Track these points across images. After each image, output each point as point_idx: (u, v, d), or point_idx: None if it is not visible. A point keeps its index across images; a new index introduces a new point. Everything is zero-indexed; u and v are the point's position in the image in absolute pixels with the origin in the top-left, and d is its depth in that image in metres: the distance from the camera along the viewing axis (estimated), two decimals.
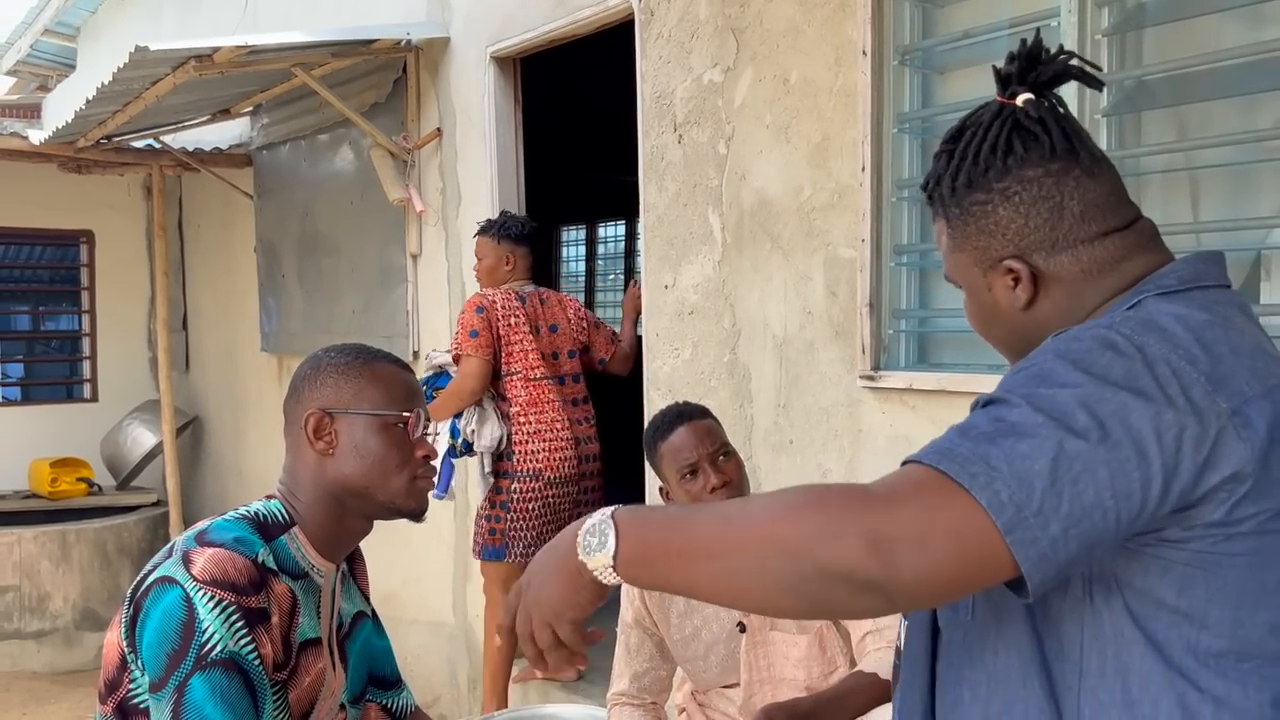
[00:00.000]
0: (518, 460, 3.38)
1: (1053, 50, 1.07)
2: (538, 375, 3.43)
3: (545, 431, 3.41)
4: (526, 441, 3.39)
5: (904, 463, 0.92)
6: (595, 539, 0.96)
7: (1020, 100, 1.05)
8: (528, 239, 3.56)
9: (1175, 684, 0.92)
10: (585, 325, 3.64)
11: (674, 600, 2.15)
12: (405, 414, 1.46)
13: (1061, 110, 1.06)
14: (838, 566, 0.85)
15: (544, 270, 10.00)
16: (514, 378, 3.40)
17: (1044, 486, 0.84)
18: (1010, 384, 0.92)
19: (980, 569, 0.85)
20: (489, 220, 3.57)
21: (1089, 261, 1.04)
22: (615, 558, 0.94)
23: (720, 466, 2.01)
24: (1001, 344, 1.13)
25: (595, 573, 0.96)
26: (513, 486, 3.39)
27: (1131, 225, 1.05)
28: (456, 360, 3.40)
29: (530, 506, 3.40)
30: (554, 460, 3.41)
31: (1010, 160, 1.04)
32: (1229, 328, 0.95)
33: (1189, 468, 0.87)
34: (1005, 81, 1.07)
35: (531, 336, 3.43)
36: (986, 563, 0.85)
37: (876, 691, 1.89)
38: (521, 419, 3.39)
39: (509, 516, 3.40)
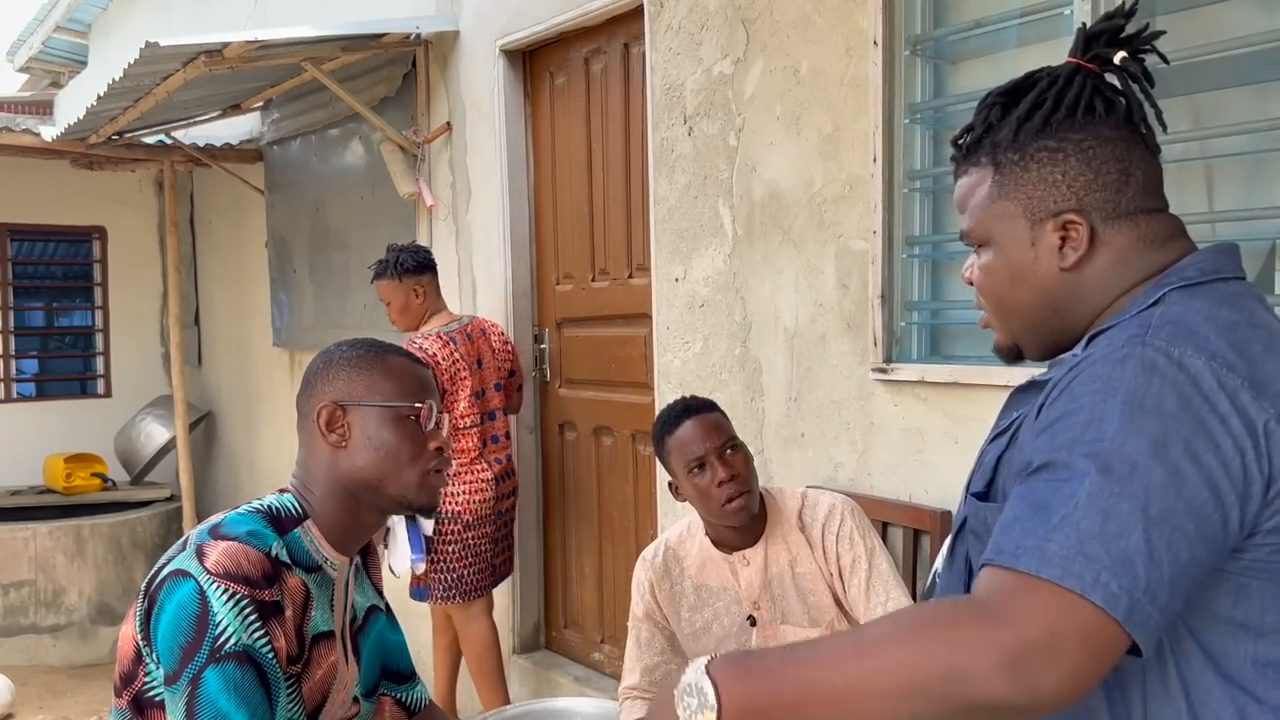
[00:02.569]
0: (446, 502, 3.36)
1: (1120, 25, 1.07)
2: (466, 424, 3.40)
3: (465, 474, 3.39)
4: (451, 484, 3.38)
5: (983, 564, 0.89)
6: (694, 699, 0.91)
7: (1118, 59, 1.04)
8: (428, 266, 3.51)
9: (1235, 697, 0.91)
10: (510, 352, 3.59)
11: (684, 593, 2.16)
12: (418, 406, 1.47)
13: (1139, 86, 1.05)
14: (982, 702, 0.83)
15: None
16: None
17: (1145, 563, 0.83)
18: (1066, 437, 0.89)
19: (1109, 658, 0.85)
20: (380, 262, 3.50)
21: (1146, 231, 1.02)
22: (720, 717, 0.90)
23: (727, 460, 2.01)
24: (1020, 310, 1.08)
25: None
26: (441, 529, 3.37)
27: (1168, 211, 1.06)
28: None
29: (449, 549, 3.37)
30: (473, 502, 3.39)
31: (1089, 117, 1.02)
32: (1256, 325, 0.94)
33: (1258, 490, 0.86)
34: (1090, 42, 1.06)
35: (468, 380, 3.40)
36: (1112, 650, 0.84)
37: None
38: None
39: (433, 558, 3.39)
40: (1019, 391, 1.09)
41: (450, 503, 3.37)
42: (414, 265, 3.48)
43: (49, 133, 5.04)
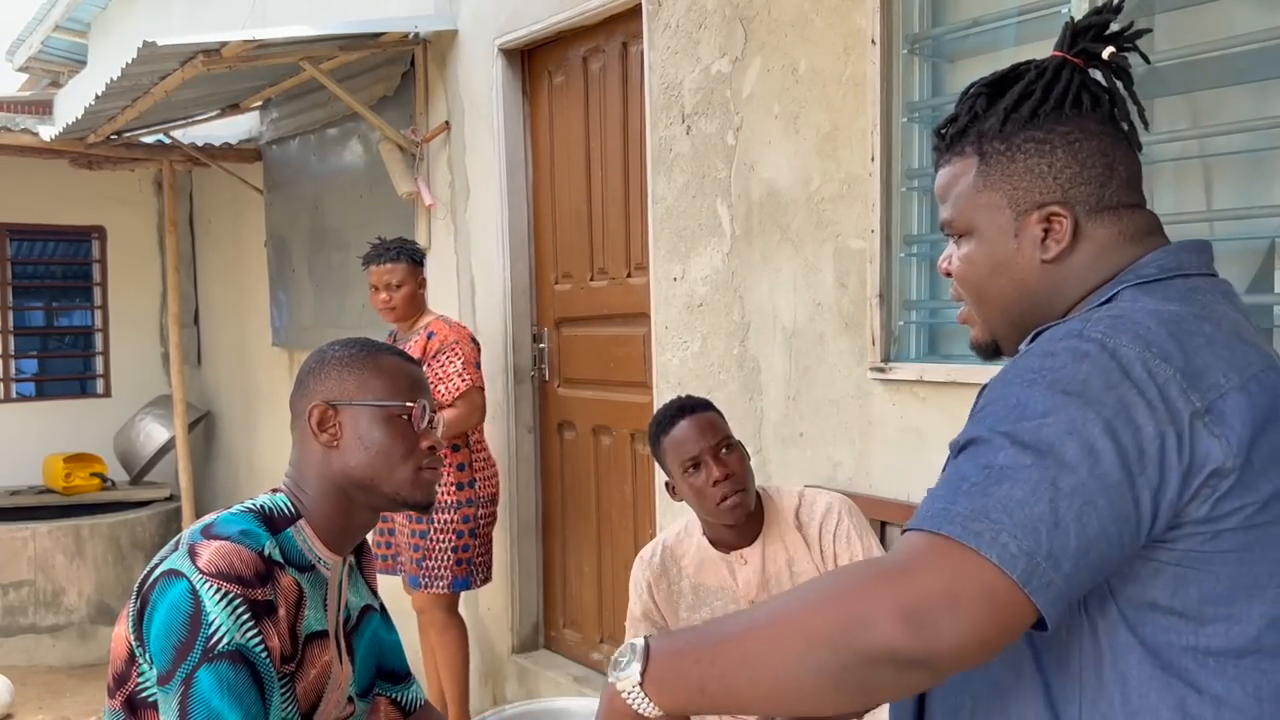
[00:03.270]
0: (480, 487, 3.45)
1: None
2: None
3: (491, 456, 3.55)
4: (484, 468, 3.48)
5: (904, 531, 0.91)
6: (624, 657, 0.95)
7: (1106, 54, 1.05)
8: None
9: (1174, 688, 0.90)
10: None
11: (682, 592, 2.15)
12: (409, 404, 1.46)
13: (1122, 82, 1.06)
14: (878, 650, 0.84)
15: None
16: None
17: (1049, 529, 0.84)
18: (989, 420, 0.91)
19: (1010, 621, 0.85)
20: (394, 246, 3.48)
21: (1127, 225, 1.03)
22: (644, 673, 0.93)
23: (722, 459, 2.01)
24: (999, 303, 1.08)
25: (626, 696, 0.93)
26: (479, 514, 3.44)
27: (1145, 207, 1.06)
28: (459, 395, 3.33)
29: (490, 530, 3.50)
30: (498, 482, 3.56)
31: (1075, 110, 1.03)
32: (1206, 318, 0.94)
33: (1174, 477, 0.86)
34: (1076, 37, 1.06)
35: None
36: (1013, 614, 0.84)
37: None
38: (479, 448, 3.48)
39: (476, 543, 3.44)
40: (985, 390, 1.10)
41: (489, 486, 3.49)
42: (422, 258, 3.57)
43: (48, 132, 5.04)
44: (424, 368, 3.31)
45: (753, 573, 2.08)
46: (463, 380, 3.34)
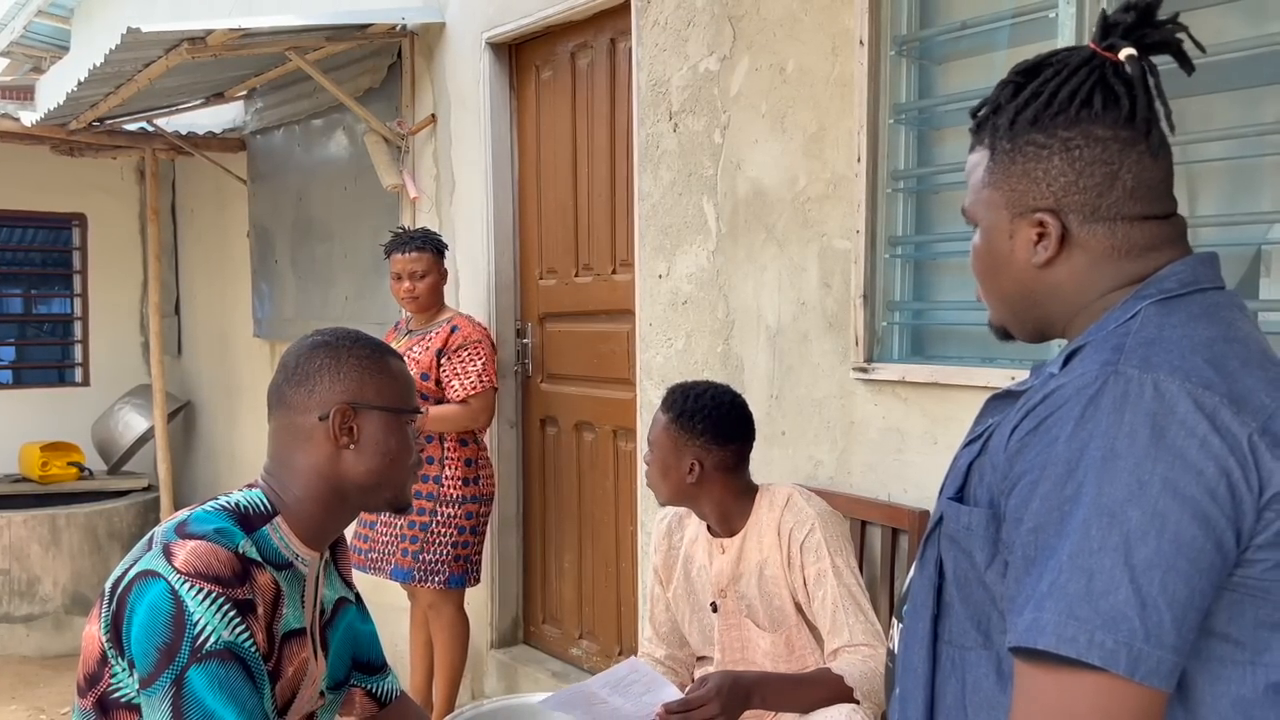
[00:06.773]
0: (482, 484, 3.46)
1: (1162, 18, 1.03)
2: None
3: (489, 456, 3.55)
4: (485, 465, 3.50)
5: (1010, 648, 0.89)
6: None
7: (1123, 55, 1.00)
8: None
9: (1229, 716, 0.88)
10: None
11: (678, 559, 2.24)
12: (419, 413, 1.48)
13: (1153, 80, 1.02)
14: None
15: None
16: None
17: (1138, 613, 0.81)
18: (1043, 494, 0.88)
19: (1136, 708, 0.83)
20: (419, 235, 3.47)
21: (1123, 239, 1.00)
22: None
23: (649, 454, 2.12)
24: (1000, 295, 1.08)
25: None
26: (480, 510, 3.46)
27: (1169, 217, 1.03)
28: (475, 394, 3.35)
29: (485, 529, 3.51)
30: (495, 481, 3.57)
31: (1084, 113, 0.99)
32: (1232, 339, 0.92)
33: (1250, 506, 0.84)
34: (1108, 30, 1.03)
35: None
36: (1132, 701, 0.82)
37: (833, 691, 1.88)
38: (482, 448, 3.50)
39: (475, 540, 3.45)
40: (995, 399, 1.08)
41: (489, 484, 3.50)
42: (445, 249, 3.54)
43: (29, 118, 4.99)
44: (443, 359, 3.33)
45: (727, 564, 2.11)
46: (482, 381, 3.36)
